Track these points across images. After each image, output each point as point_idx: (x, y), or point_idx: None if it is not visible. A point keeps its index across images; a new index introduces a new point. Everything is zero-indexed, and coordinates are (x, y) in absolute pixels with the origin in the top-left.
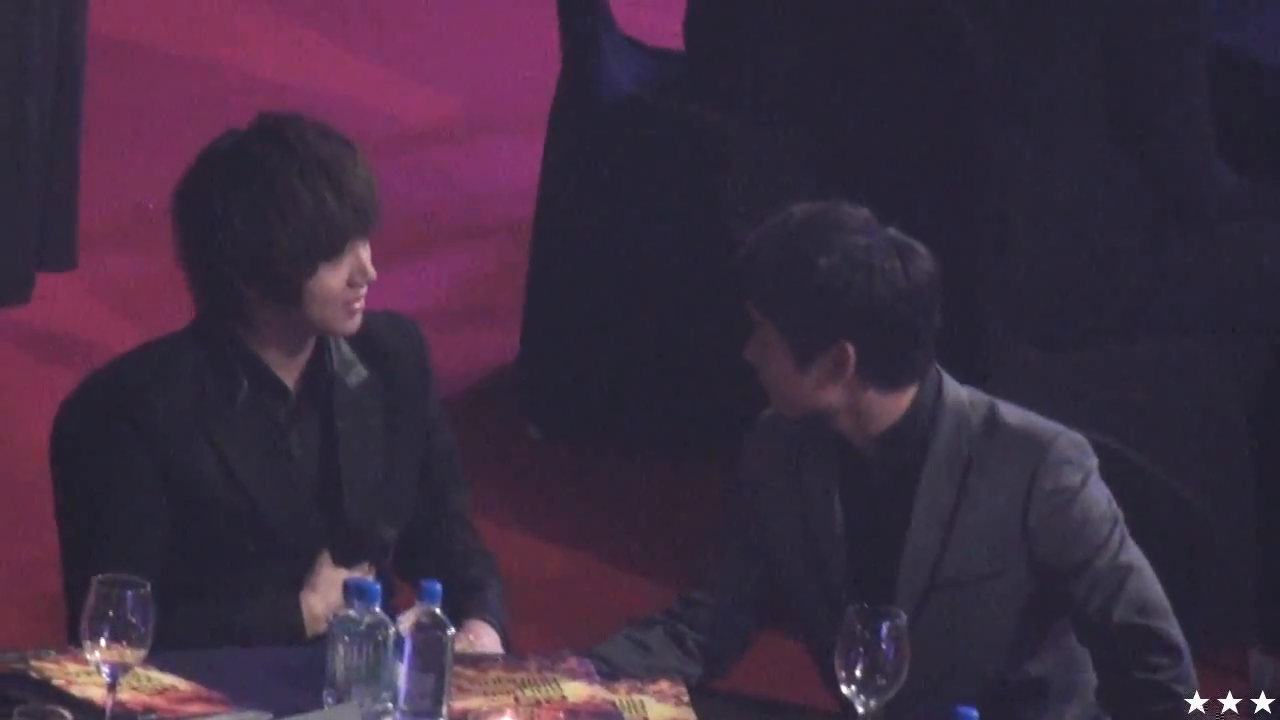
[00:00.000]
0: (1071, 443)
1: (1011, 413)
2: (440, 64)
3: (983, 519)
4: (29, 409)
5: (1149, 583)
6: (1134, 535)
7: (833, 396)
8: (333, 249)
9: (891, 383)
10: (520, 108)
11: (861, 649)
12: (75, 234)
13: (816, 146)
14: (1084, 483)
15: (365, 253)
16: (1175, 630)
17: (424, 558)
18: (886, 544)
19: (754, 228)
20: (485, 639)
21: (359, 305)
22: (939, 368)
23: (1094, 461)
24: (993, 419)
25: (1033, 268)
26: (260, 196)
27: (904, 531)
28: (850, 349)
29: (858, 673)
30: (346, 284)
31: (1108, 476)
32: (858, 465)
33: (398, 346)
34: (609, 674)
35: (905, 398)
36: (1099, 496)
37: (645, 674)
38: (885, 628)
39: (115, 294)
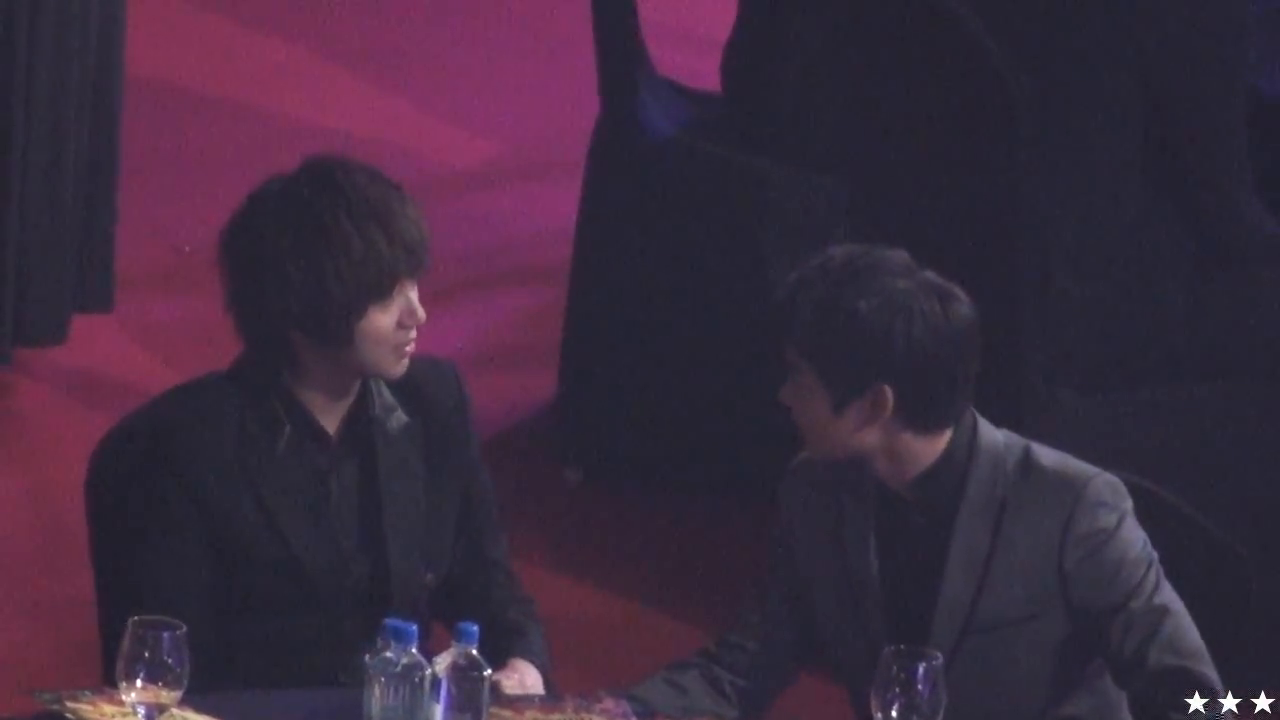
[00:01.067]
0: (1107, 484)
1: (1047, 455)
2: (478, 108)
3: (1018, 562)
4: (63, 449)
5: (1185, 625)
6: (1171, 579)
7: (869, 439)
8: (383, 290)
9: (928, 426)
10: (559, 151)
11: (898, 690)
12: (112, 275)
13: (856, 191)
14: (1119, 524)
15: (414, 294)
16: (1212, 672)
17: (462, 602)
18: (922, 587)
19: (792, 271)
20: (529, 678)
21: (409, 348)
22: (974, 411)
23: (1129, 504)
24: (1028, 462)
25: (1072, 311)
26: (311, 239)
27: (940, 575)
28: (889, 392)
29: (894, 714)
30: (396, 325)
31: (1145, 519)
32: (893, 508)
33: (437, 391)
34: (645, 715)
35: (941, 441)
36: (1134, 539)
37: (681, 714)
38: (921, 669)
39: (151, 336)
